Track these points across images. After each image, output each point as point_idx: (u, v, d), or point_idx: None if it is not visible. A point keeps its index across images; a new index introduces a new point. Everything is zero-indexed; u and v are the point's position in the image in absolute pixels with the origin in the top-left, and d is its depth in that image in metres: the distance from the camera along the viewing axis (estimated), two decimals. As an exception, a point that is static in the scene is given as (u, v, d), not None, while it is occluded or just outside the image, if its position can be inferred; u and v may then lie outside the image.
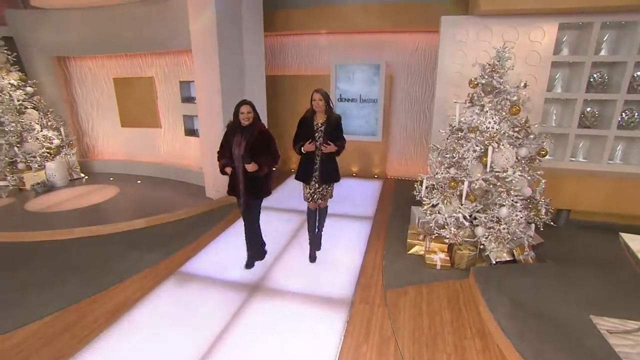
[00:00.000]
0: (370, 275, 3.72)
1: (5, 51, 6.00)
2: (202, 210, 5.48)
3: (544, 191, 3.92)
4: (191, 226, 4.91)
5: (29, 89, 6.09)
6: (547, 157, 3.95)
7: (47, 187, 6.02)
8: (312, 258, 3.98)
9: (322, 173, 3.64)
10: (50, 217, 5.07)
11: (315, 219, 3.99)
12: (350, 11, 6.15)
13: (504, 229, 3.67)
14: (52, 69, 6.60)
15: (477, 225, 3.80)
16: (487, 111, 3.72)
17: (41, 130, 6.12)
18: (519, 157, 3.72)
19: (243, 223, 3.79)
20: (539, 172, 3.78)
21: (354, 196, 6.07)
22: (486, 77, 3.75)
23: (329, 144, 3.47)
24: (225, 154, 3.45)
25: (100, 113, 7.07)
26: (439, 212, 4.04)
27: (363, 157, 7.09)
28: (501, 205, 3.66)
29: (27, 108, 6.00)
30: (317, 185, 3.70)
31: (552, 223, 3.87)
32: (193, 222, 5.07)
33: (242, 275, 3.73)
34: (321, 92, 3.47)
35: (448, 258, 3.85)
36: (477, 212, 3.84)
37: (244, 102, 3.35)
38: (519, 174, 3.62)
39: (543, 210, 3.83)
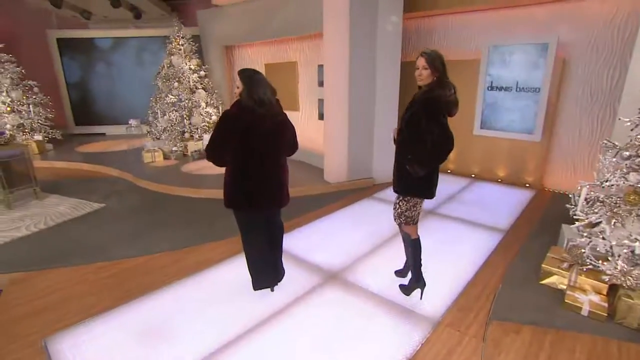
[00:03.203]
0: (477, 297, 2.85)
1: (191, 43, 7.35)
2: (315, 192, 5.45)
3: None
4: (299, 205, 4.90)
5: (202, 72, 7.32)
6: None
7: (201, 155, 7.11)
8: (398, 271, 3.12)
9: (393, 172, 2.61)
10: (194, 178, 5.95)
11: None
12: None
13: None
14: (220, 56, 7.79)
15: (669, 265, 2.43)
16: None
17: (205, 107, 7.28)
18: None
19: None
20: None
21: (490, 203, 4.94)
22: None
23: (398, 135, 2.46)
24: None
25: (253, 96, 7.92)
26: (601, 236, 2.80)
27: (513, 160, 5.72)
28: None
29: (198, 88, 7.21)
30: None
31: None
32: (303, 202, 5.05)
33: (325, 260, 3.44)
34: (427, 57, 2.30)
35: (605, 304, 2.61)
36: (672, 244, 2.46)
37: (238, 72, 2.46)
38: None
39: None
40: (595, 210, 2.83)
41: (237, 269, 3.27)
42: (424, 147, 2.32)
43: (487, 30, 5.67)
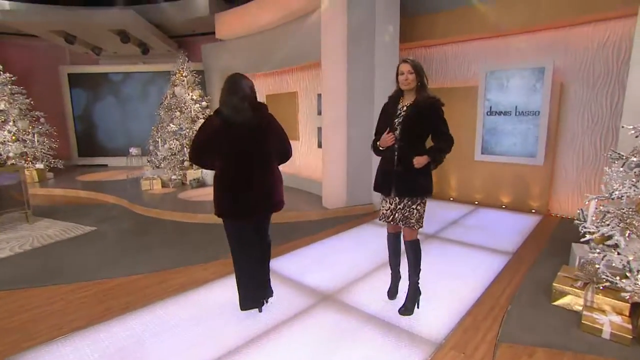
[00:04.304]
0: (483, 318, 2.60)
1: (194, 75, 7.56)
2: (313, 217, 5.29)
3: None
4: (295, 229, 4.73)
5: (203, 103, 7.45)
6: None
7: (200, 183, 7.05)
8: (392, 294, 2.89)
9: (400, 179, 2.50)
10: (190, 204, 5.83)
11: (398, 251, 2.78)
12: (509, 7, 5.13)
13: None
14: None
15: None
16: None
17: (206, 137, 7.31)
18: None
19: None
20: None
21: (495, 228, 4.73)
22: None
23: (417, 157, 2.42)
24: None
25: (253, 126, 8.01)
26: (616, 251, 2.59)
27: (517, 185, 5.56)
28: None
29: (199, 118, 7.30)
30: (397, 198, 2.57)
31: None
32: (299, 226, 4.89)
33: (319, 282, 3.22)
34: (411, 63, 2.42)
35: (630, 326, 2.35)
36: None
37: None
38: None
39: None
40: (607, 222, 2.64)
41: (224, 290, 3.07)
42: (444, 138, 2.49)
43: (483, 57, 5.77)
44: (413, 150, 2.45)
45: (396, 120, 2.51)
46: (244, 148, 2.39)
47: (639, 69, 3.69)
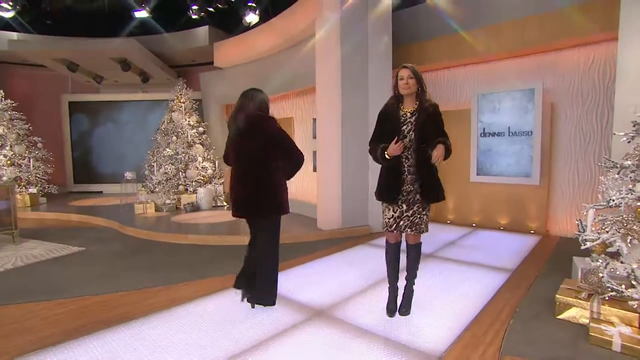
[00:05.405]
0: (484, 333, 2.44)
1: (192, 101, 7.69)
2: (307, 239, 5.17)
3: None
4: (289, 250, 4.59)
5: (200, 129, 7.52)
6: None
7: (195, 208, 6.95)
8: (391, 311, 2.69)
9: (416, 186, 2.47)
10: (182, 227, 5.72)
11: (397, 264, 2.68)
12: (495, 34, 5.33)
13: None
14: (220, 114, 8.08)
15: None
16: None
17: (202, 162, 7.31)
18: None
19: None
20: None
21: (494, 247, 4.61)
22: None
23: (433, 151, 2.35)
24: None
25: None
26: (619, 259, 2.50)
27: (514, 205, 5.50)
28: None
29: (196, 143, 7.34)
30: (405, 206, 2.52)
31: None
32: (293, 247, 4.76)
33: (313, 299, 3.07)
34: (411, 68, 2.46)
35: None
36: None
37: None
38: None
39: None
40: (606, 229, 2.56)
41: (209, 307, 2.93)
42: (447, 139, 2.50)
43: (475, 80, 5.91)
44: (424, 155, 2.44)
45: (404, 127, 2.49)
46: (245, 157, 2.68)
47: (623, 89, 3.75)
